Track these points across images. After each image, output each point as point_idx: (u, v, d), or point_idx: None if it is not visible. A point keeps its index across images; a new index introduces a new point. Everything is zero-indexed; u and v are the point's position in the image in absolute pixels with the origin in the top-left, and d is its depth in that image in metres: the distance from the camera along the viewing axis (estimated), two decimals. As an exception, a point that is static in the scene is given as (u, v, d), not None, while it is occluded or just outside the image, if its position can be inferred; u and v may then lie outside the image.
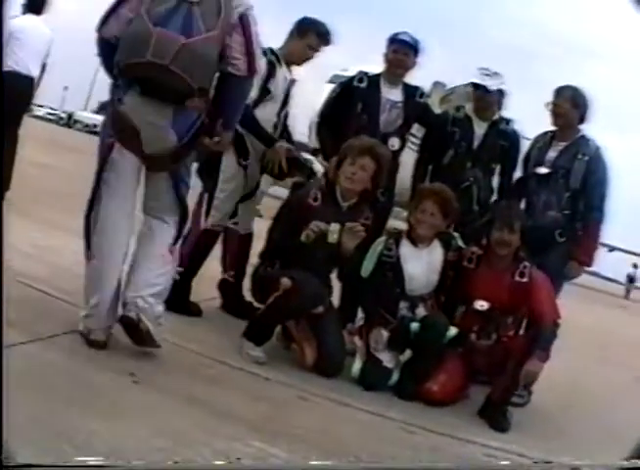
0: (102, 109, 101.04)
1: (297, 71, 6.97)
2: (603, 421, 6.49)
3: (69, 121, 60.12)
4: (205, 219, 6.71)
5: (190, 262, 6.60)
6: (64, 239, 8.00)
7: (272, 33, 6.57)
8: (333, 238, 5.82)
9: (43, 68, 10.03)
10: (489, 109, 6.87)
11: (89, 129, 54.82)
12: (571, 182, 6.57)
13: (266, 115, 6.58)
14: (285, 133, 6.88)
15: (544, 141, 6.83)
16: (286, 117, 6.89)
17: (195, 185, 6.47)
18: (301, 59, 6.79)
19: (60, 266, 6.43)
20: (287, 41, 6.78)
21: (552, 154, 6.71)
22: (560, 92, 6.66)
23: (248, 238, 7.00)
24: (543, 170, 6.66)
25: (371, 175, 5.98)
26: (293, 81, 6.87)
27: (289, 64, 6.77)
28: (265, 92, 6.54)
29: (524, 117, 7.22)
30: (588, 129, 6.78)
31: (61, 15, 10.32)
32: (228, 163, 6.59)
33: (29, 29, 9.65)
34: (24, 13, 9.74)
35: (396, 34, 6.75)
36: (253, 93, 6.18)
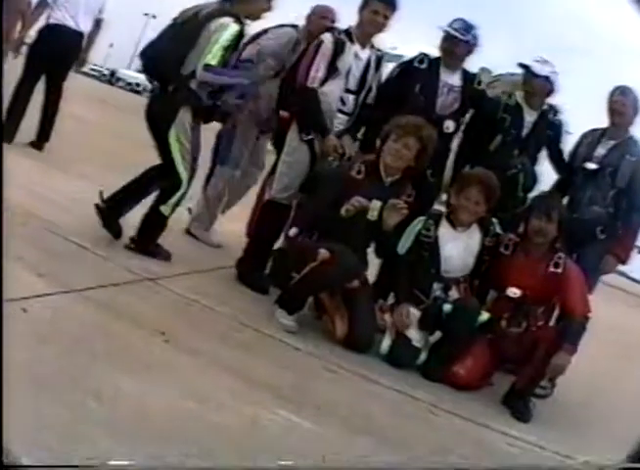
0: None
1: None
2: (623, 421, 6.44)
3: (112, 79, 60.24)
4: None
5: (256, 235, 6.78)
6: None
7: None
8: (373, 215, 5.82)
9: (97, 24, 9.98)
10: (537, 95, 6.78)
11: (131, 88, 54.97)
12: (618, 180, 6.58)
13: (333, 91, 6.59)
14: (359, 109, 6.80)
15: (593, 137, 6.82)
16: (368, 92, 6.82)
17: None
18: (373, 28, 6.68)
19: (95, 221, 6.45)
20: (357, 19, 6.74)
21: (601, 151, 6.70)
22: (625, 92, 6.65)
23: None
24: (591, 166, 6.65)
25: (414, 154, 5.98)
26: (375, 58, 6.81)
27: (364, 40, 6.72)
28: (333, 70, 6.57)
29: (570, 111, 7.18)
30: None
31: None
32: (292, 136, 6.65)
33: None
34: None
35: (450, 23, 6.67)
36: (321, 73, 6.44)
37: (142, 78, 69.36)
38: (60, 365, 3.64)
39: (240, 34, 6.20)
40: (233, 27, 6.12)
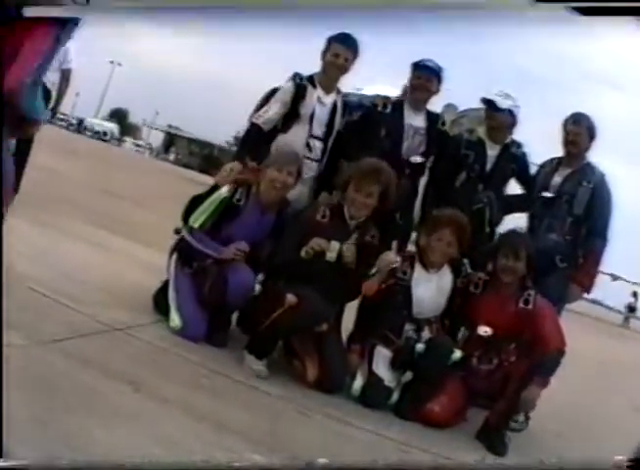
0: (112, 116, 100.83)
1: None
2: (600, 450, 6.45)
3: (80, 127, 60.41)
4: None
5: None
6: (70, 244, 8.04)
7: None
8: (331, 257, 5.85)
9: (63, 74, 9.96)
10: (501, 129, 6.86)
11: (99, 136, 55.08)
12: (575, 208, 6.65)
13: (297, 137, 6.68)
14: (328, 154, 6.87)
15: (550, 166, 6.91)
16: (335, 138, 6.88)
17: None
18: (335, 71, 6.74)
19: (65, 271, 6.44)
20: (321, 64, 6.80)
21: (557, 179, 6.79)
22: (577, 120, 6.71)
23: None
24: (547, 195, 6.72)
25: (377, 199, 6.03)
26: (341, 103, 6.90)
27: (328, 84, 6.79)
28: (295, 115, 6.69)
29: (532, 143, 7.25)
30: (598, 158, 6.84)
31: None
32: None
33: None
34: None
35: (420, 61, 6.76)
36: (270, 113, 6.62)
37: (109, 127, 70.07)
38: (30, 413, 3.63)
39: None
40: None
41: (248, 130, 6.77)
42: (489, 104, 6.79)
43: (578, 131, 6.71)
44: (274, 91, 6.79)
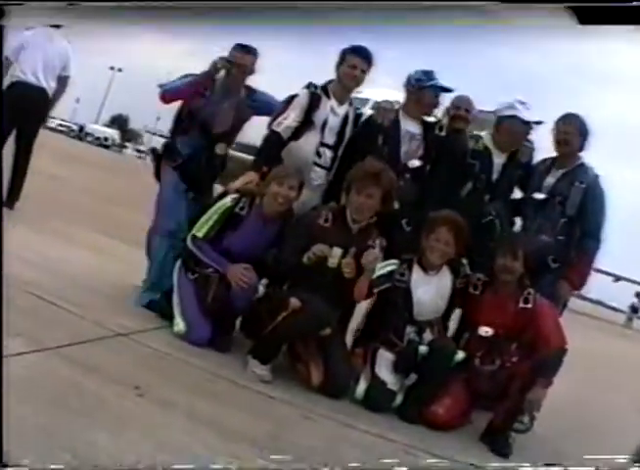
0: (113, 122, 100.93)
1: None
2: (604, 451, 6.45)
3: (80, 134, 60.52)
4: None
5: None
6: (72, 250, 8.05)
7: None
8: (333, 263, 5.88)
9: (60, 81, 10.02)
10: (517, 140, 6.83)
11: (99, 142, 55.14)
12: (568, 209, 6.62)
13: (308, 143, 6.75)
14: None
15: (543, 167, 6.87)
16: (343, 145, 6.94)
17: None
18: (350, 82, 6.79)
19: (67, 277, 6.47)
20: (335, 75, 6.86)
21: (550, 180, 6.76)
22: (568, 120, 6.69)
23: None
24: (540, 196, 6.70)
25: (379, 201, 6.07)
26: (353, 114, 6.98)
27: (342, 95, 6.87)
28: (309, 123, 6.74)
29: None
30: (592, 159, 6.84)
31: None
32: None
33: (40, 41, 9.71)
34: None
35: (433, 80, 6.77)
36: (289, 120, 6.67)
37: (110, 133, 70.16)
38: (36, 421, 3.64)
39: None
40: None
41: (267, 137, 6.77)
42: (514, 118, 6.72)
43: (570, 131, 6.67)
44: (292, 98, 6.83)
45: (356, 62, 6.67)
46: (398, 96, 6.99)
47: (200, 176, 6.93)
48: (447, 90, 6.88)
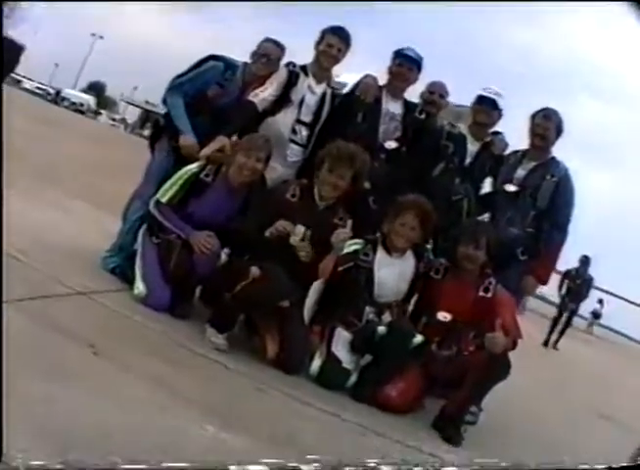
0: (90, 88, 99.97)
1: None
2: (550, 449, 6.51)
3: (57, 98, 60.14)
4: None
5: None
6: (41, 209, 8.02)
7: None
8: (294, 240, 5.88)
9: None
10: (487, 126, 6.94)
11: (75, 107, 54.78)
12: (539, 201, 6.73)
13: (284, 119, 6.84)
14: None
15: (514, 159, 6.96)
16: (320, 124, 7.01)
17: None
18: (327, 61, 6.89)
19: (34, 236, 6.45)
20: (314, 54, 6.96)
21: (521, 172, 6.84)
22: (547, 116, 6.77)
23: None
24: (511, 188, 6.76)
25: (349, 182, 6.10)
26: (330, 94, 7.05)
27: (320, 74, 6.96)
28: (286, 99, 6.83)
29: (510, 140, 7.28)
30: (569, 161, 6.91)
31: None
32: None
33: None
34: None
35: (402, 49, 6.93)
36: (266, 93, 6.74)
37: (86, 98, 69.68)
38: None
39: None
40: None
41: (242, 107, 6.77)
42: (486, 101, 6.83)
43: (548, 126, 6.77)
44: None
45: (334, 41, 6.79)
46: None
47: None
48: (415, 61, 6.96)
